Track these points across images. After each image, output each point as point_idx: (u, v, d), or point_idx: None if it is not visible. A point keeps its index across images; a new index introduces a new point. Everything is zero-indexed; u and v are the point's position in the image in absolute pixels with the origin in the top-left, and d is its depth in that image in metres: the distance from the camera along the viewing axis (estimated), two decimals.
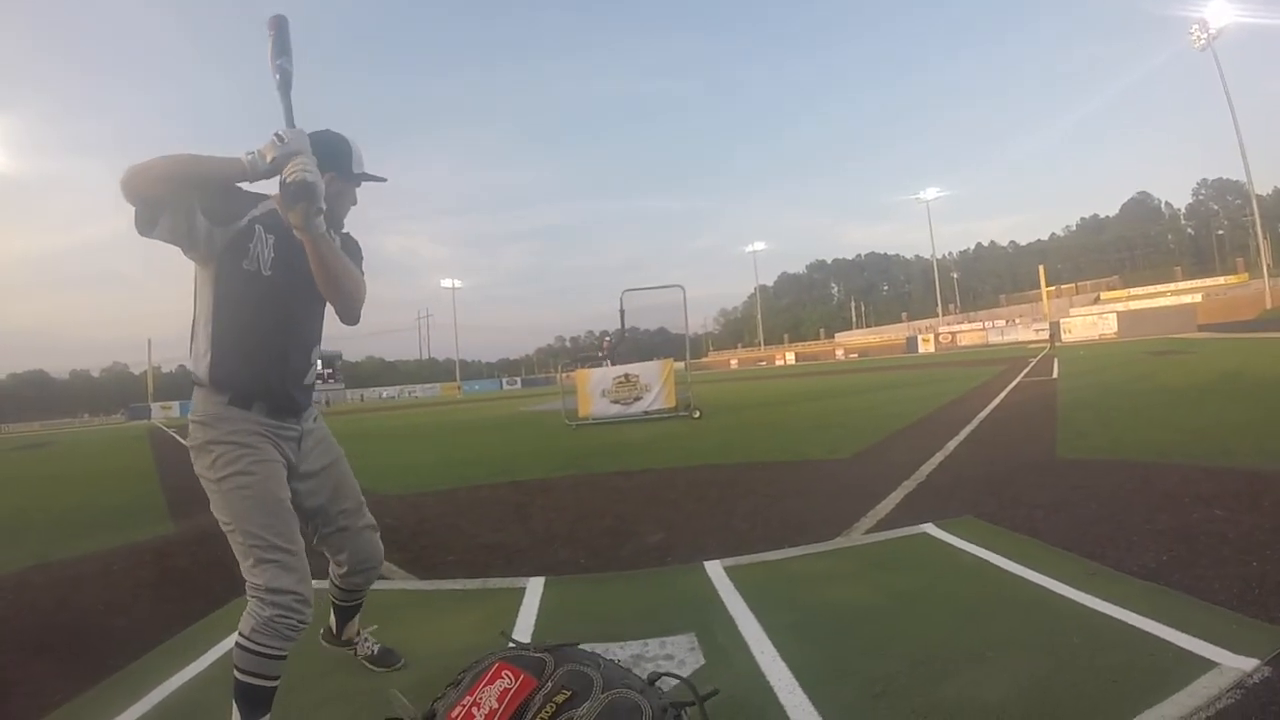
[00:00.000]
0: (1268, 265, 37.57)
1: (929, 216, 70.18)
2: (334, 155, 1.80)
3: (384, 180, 1.96)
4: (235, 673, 1.61)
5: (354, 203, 1.93)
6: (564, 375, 13.73)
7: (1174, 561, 2.62)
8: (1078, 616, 2.19)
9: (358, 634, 2.26)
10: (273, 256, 1.70)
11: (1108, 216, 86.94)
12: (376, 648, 2.25)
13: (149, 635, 2.71)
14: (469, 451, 9.25)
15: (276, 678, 1.64)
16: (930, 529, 3.35)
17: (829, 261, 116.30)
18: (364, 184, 1.94)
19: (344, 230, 1.95)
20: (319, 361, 1.91)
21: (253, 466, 1.64)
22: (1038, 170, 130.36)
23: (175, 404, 55.50)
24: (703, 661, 2.10)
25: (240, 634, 1.60)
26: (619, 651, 2.17)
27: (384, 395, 65.62)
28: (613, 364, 11.53)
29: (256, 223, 1.69)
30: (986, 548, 2.96)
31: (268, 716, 1.64)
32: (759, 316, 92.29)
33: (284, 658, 1.63)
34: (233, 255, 1.66)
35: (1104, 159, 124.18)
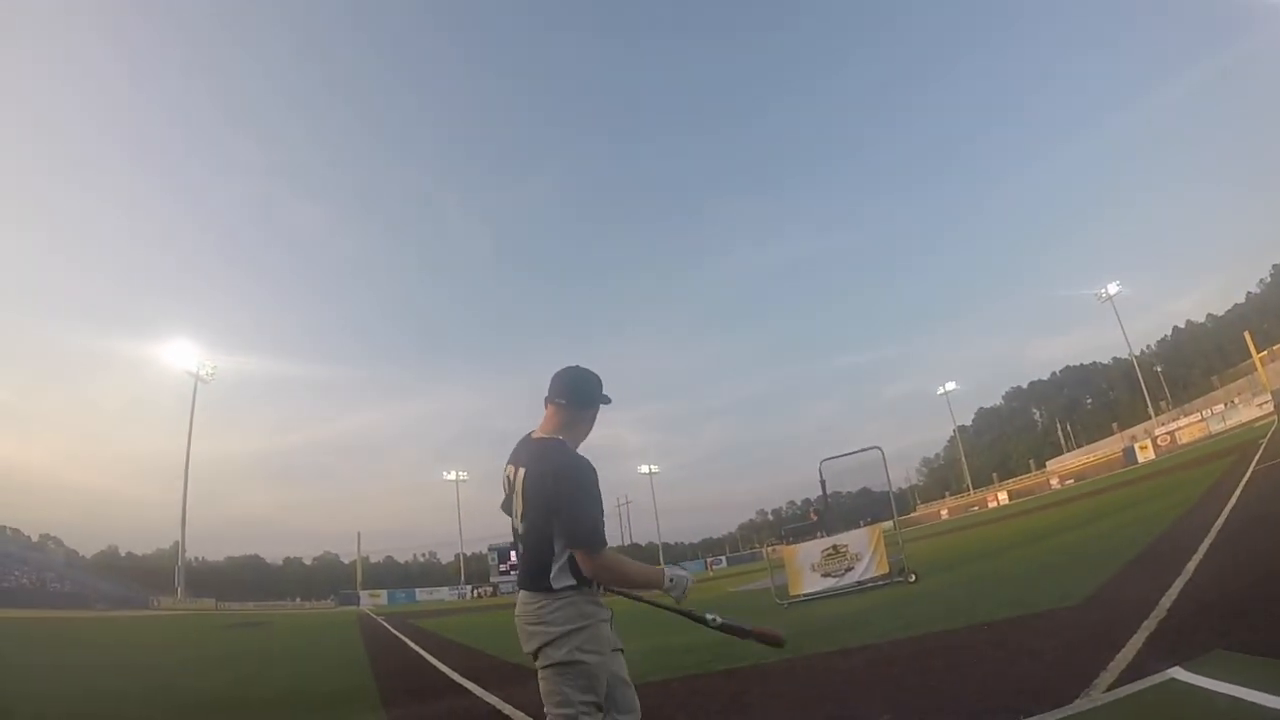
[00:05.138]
0: None
1: (1116, 313, 62.65)
2: (593, 392, 2.23)
3: (609, 401, 2.33)
4: None
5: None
6: (770, 551, 13.60)
7: None
8: None
9: None
10: None
11: None
12: None
13: None
14: (679, 638, 9.36)
15: None
16: (1178, 673, 3.18)
17: (1025, 386, 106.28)
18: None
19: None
20: None
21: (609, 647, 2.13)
22: (1209, 228, 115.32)
23: (383, 593, 59.63)
24: None
25: None
26: None
27: None
28: (825, 533, 11.37)
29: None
30: (1241, 684, 2.80)
31: None
32: (963, 459, 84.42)
33: None
34: None
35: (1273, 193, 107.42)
